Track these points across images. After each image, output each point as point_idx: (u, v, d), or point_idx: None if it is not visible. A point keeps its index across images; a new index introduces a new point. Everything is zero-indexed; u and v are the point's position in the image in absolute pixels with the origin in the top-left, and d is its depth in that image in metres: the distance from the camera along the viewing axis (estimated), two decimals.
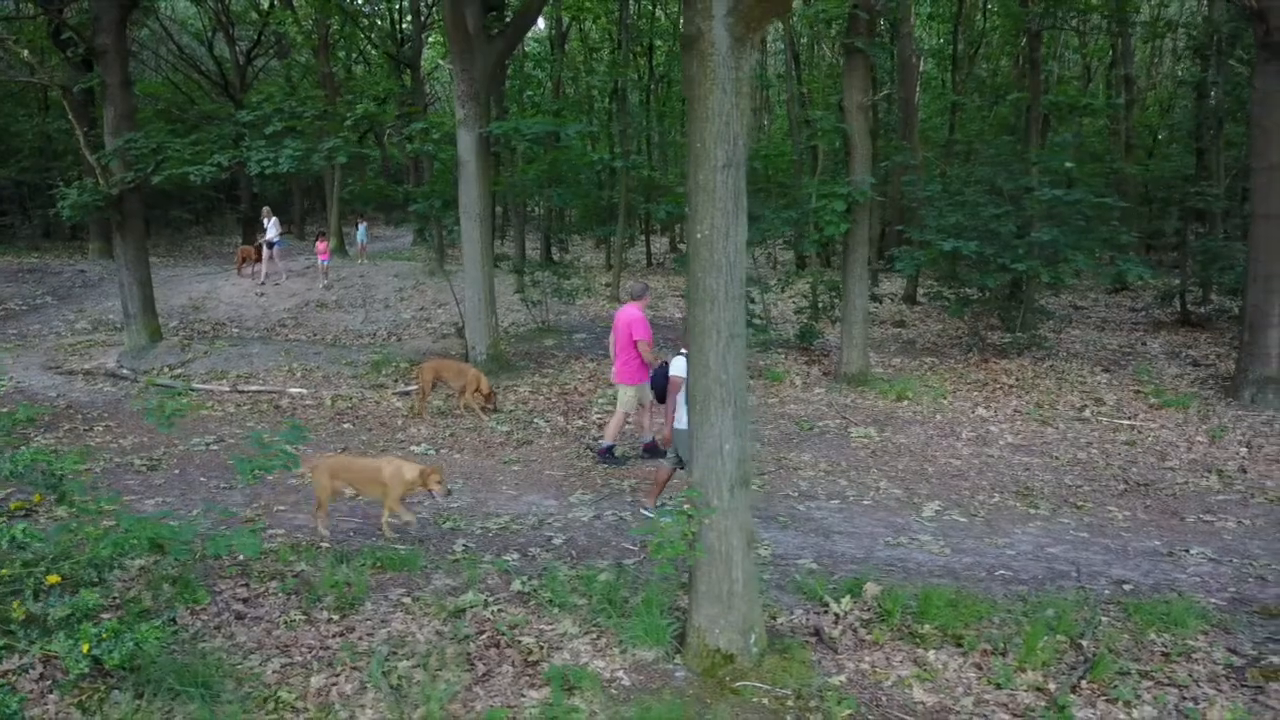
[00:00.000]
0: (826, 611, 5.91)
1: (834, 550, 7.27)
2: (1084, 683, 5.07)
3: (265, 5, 32.14)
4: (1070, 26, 20.41)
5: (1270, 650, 5.52)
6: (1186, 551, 7.38)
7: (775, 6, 4.81)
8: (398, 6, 30.63)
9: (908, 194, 18.24)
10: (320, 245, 22.72)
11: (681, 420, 7.37)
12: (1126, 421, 11.08)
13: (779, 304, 18.75)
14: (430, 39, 33.28)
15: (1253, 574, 6.95)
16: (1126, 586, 6.58)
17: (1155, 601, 6.03)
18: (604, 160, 16.47)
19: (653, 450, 9.69)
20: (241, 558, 6.78)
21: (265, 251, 22.20)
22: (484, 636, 5.53)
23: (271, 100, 12.57)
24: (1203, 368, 13.81)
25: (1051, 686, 5.03)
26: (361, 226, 25.99)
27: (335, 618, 5.78)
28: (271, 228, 22.01)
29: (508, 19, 13.29)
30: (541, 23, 33.49)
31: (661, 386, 8.20)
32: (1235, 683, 5.13)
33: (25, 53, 19.04)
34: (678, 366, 7.60)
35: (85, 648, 4.19)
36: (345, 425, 11.03)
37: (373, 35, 29.96)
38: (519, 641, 5.45)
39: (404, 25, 30.81)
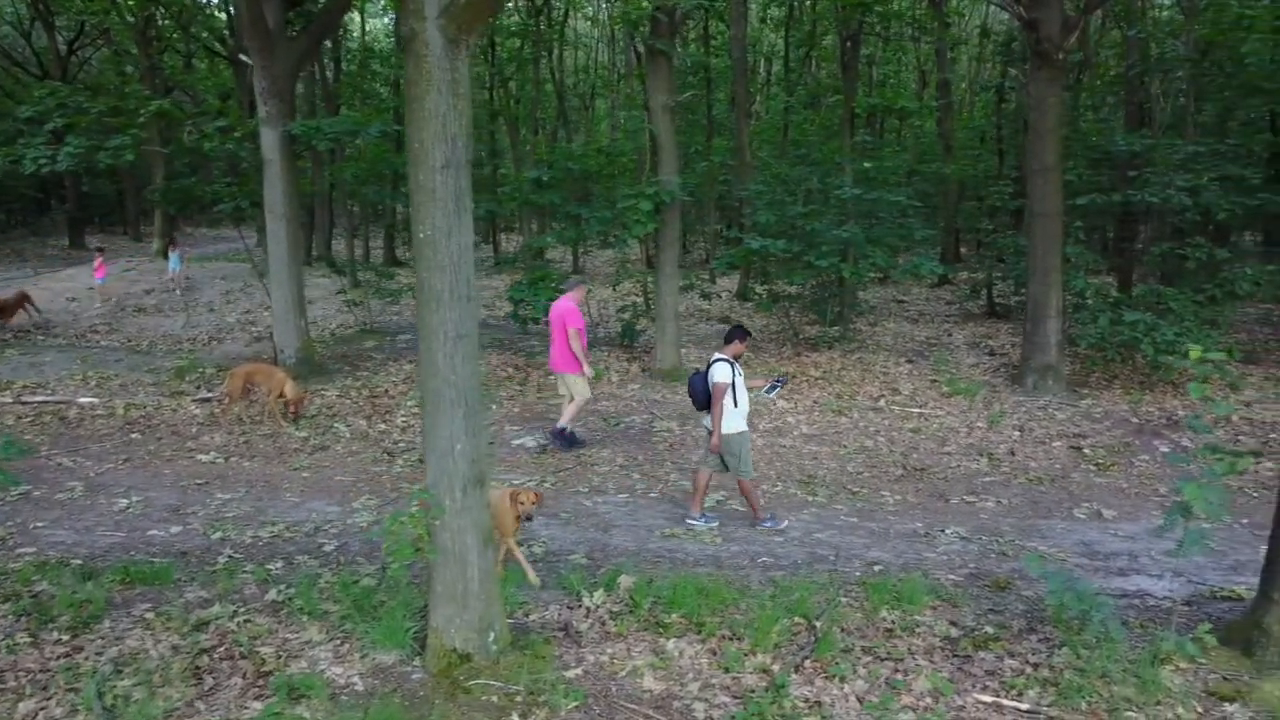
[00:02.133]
0: (579, 606, 6.00)
1: (609, 544, 7.39)
2: (808, 662, 5.30)
3: None
4: (877, 33, 21.33)
5: (989, 621, 5.90)
6: (942, 531, 7.81)
7: (485, 9, 4.86)
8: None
9: (727, 194, 18.69)
10: (96, 261, 20.67)
11: (729, 425, 7.53)
12: (916, 410, 11.65)
13: (610, 303, 18.92)
14: None
15: (996, 550, 7.42)
16: (877, 567, 6.92)
17: (890, 579, 6.36)
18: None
19: (564, 439, 10.00)
20: None
21: None
22: (221, 649, 5.40)
23: (56, 95, 11.89)
24: (998, 357, 14.63)
25: (776, 667, 5.24)
26: (174, 254, 21.91)
27: (65, 638, 5.53)
28: None
29: (314, 11, 12.97)
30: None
31: (701, 393, 7.70)
32: (948, 653, 5.46)
33: None
34: (723, 373, 7.54)
35: None
36: (134, 435, 10.56)
37: (198, 29, 28.64)
38: (256, 652, 5.33)
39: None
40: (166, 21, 28.65)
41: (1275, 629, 5.19)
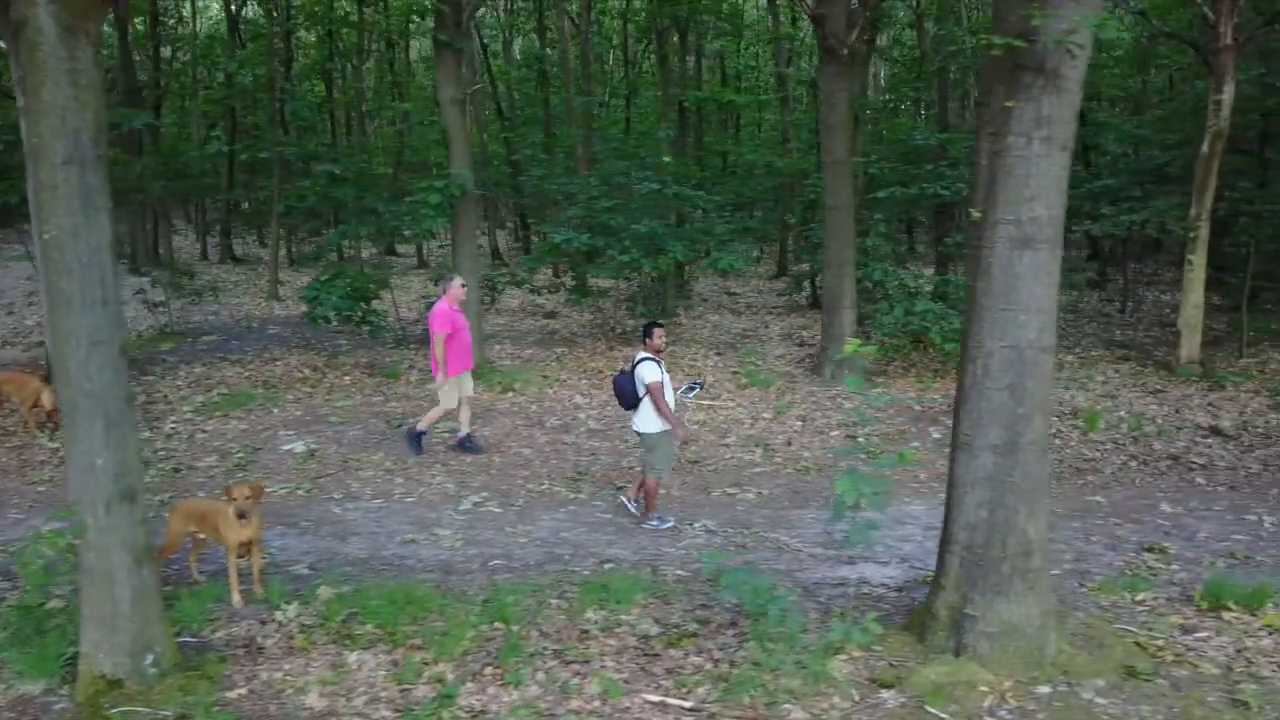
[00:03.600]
0: (272, 620, 5.75)
1: (341, 552, 7.14)
2: (489, 669, 5.19)
3: None
4: (691, 25, 21.56)
5: (695, 617, 5.89)
6: (690, 525, 7.82)
7: None
8: None
9: (535, 188, 18.58)
10: None
11: (654, 423, 7.57)
12: (708, 402, 11.73)
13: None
14: None
15: (738, 543, 7.45)
16: (608, 565, 6.87)
17: (608, 578, 6.30)
18: (223, 153, 15.60)
19: (465, 445, 9.80)
20: None
21: None
22: None
23: None
24: (806, 348, 14.89)
25: (452, 676, 5.10)
26: None
27: None
28: None
29: None
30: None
31: (629, 394, 7.76)
32: (638, 652, 5.41)
33: None
34: (652, 371, 7.52)
35: None
36: None
37: None
38: None
39: None
40: None
41: (943, 614, 5.33)
